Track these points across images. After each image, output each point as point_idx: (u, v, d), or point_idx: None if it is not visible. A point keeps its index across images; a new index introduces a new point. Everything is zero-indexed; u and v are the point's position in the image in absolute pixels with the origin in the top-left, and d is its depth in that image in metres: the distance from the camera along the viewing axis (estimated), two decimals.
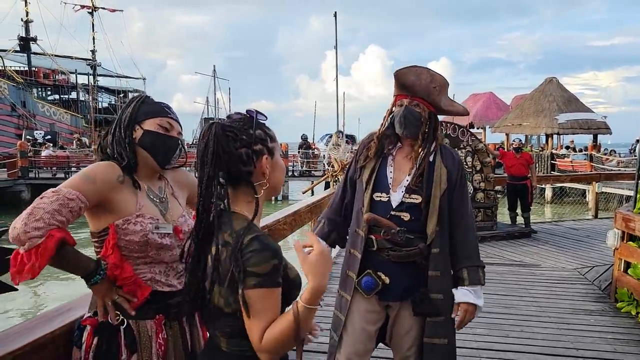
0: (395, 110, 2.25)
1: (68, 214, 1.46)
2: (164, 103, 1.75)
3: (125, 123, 1.67)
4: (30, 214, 1.41)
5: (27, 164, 20.75)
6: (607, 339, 4.09)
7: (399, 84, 2.22)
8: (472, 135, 8.74)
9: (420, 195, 2.18)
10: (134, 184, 1.64)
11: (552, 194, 19.41)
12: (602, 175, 12.29)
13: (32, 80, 39.02)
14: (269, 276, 1.21)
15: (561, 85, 23.00)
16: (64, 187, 1.49)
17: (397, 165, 2.26)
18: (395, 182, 2.23)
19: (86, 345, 1.55)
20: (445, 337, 2.22)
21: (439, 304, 2.19)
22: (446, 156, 2.28)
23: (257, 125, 1.33)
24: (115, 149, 1.66)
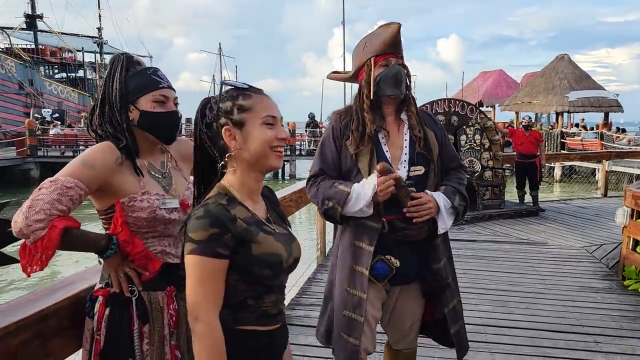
0: (381, 72, 2.06)
1: (68, 202, 1.45)
2: (150, 68, 1.67)
3: (118, 104, 1.59)
4: (30, 207, 1.40)
5: (36, 142, 20.85)
6: (613, 316, 4.08)
7: (387, 43, 2.06)
8: (481, 113, 8.65)
9: (422, 165, 2.11)
10: (134, 170, 1.61)
11: (561, 173, 19.27)
12: (613, 154, 12.15)
13: (39, 58, 38.94)
14: (205, 244, 1.22)
15: (573, 63, 22.64)
16: (62, 176, 1.47)
17: (390, 141, 2.12)
18: (394, 160, 2.10)
19: (98, 315, 1.56)
20: (456, 297, 2.23)
21: (445, 270, 2.16)
22: (425, 119, 2.19)
23: (226, 98, 1.34)
24: (108, 130, 1.61)
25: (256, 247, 1.29)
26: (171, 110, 1.67)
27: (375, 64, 2.07)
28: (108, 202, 1.59)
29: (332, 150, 2.14)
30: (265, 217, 1.40)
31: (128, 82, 1.61)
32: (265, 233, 1.33)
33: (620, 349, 3.48)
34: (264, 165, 1.35)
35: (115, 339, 1.55)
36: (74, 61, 43.19)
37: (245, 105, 1.33)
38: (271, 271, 1.31)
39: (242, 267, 1.28)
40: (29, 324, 1.40)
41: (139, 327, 1.57)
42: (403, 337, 2.25)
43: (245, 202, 1.35)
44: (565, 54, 22.99)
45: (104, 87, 1.62)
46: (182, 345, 1.67)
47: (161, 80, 1.66)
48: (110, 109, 1.60)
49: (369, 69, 2.09)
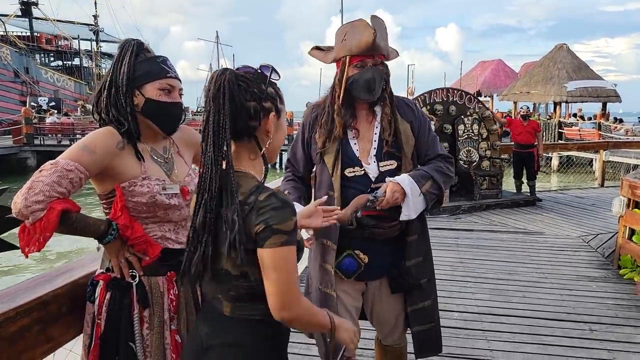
0: (355, 74, 1.97)
1: (68, 185, 1.45)
2: (160, 57, 1.66)
3: (124, 88, 1.59)
4: (30, 188, 1.40)
5: (32, 130, 20.76)
6: (609, 305, 4.11)
7: (365, 46, 1.93)
8: (480, 102, 8.63)
9: (394, 160, 2.05)
10: (136, 154, 1.61)
11: (559, 163, 19.28)
12: (610, 144, 12.17)
13: (34, 46, 38.65)
14: (293, 234, 1.18)
15: (571, 52, 22.57)
16: (62, 159, 1.47)
17: (360, 134, 2.06)
18: (363, 154, 2.04)
19: (99, 300, 1.57)
20: (428, 299, 2.17)
21: (417, 270, 2.11)
22: (402, 108, 2.11)
23: (270, 83, 1.28)
24: (112, 113, 1.61)
25: (297, 233, 1.27)
26: (175, 102, 1.66)
27: (350, 64, 1.98)
28: (109, 186, 1.59)
29: (299, 148, 2.17)
30: None
31: (136, 66, 1.61)
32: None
33: (615, 337, 3.52)
34: (271, 157, 1.34)
35: (116, 324, 1.56)
36: (69, 49, 42.88)
37: (282, 96, 1.32)
38: (302, 253, 1.31)
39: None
40: (29, 310, 1.41)
41: (139, 311, 1.59)
42: (390, 332, 2.23)
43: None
44: (564, 43, 22.91)
45: (112, 70, 1.61)
46: (182, 330, 1.68)
47: (169, 69, 1.65)
48: (116, 92, 1.60)
49: (344, 66, 2.00)
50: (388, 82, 2.05)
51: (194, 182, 1.76)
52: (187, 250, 1.27)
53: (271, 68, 1.29)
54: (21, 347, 1.38)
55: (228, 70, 1.23)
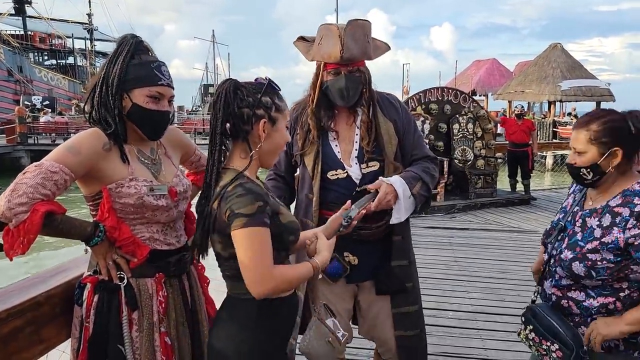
0: (329, 80, 1.95)
1: (52, 187, 1.43)
2: (155, 62, 1.62)
3: (114, 89, 1.56)
4: (13, 190, 1.38)
5: (26, 129, 20.64)
6: None
7: (335, 59, 1.90)
8: (474, 102, 8.66)
9: (377, 161, 2.02)
10: (121, 157, 1.58)
11: (553, 162, 19.36)
12: None
13: (28, 44, 38.45)
14: (256, 216, 1.33)
15: (565, 52, 22.63)
16: (47, 161, 1.46)
17: (340, 137, 2.04)
18: (345, 155, 2.03)
19: (87, 303, 1.55)
20: (415, 304, 2.14)
21: (403, 273, 2.08)
22: (385, 106, 2.07)
23: (267, 93, 1.43)
24: (101, 112, 1.59)
25: (282, 217, 1.45)
26: (162, 110, 1.63)
27: (325, 69, 1.96)
28: (95, 188, 1.57)
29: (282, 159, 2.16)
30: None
31: (129, 69, 1.57)
32: (281, 205, 1.50)
33: None
34: (267, 161, 1.52)
35: (104, 326, 1.54)
36: (63, 48, 42.70)
37: (281, 106, 1.47)
38: (294, 236, 1.49)
39: (276, 235, 1.39)
40: (21, 311, 1.40)
41: (128, 314, 1.57)
42: (384, 345, 2.16)
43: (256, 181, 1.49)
44: (558, 43, 22.97)
45: (106, 67, 1.59)
46: (172, 332, 1.67)
47: (162, 77, 1.61)
48: (106, 91, 1.58)
49: (318, 70, 1.98)
50: (367, 85, 2.00)
51: (182, 182, 1.75)
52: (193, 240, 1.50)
53: (267, 79, 1.45)
54: (13, 349, 1.37)
55: (229, 81, 1.43)
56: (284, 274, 1.38)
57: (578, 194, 1.83)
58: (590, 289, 1.68)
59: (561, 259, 1.70)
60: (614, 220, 1.61)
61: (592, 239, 1.65)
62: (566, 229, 1.77)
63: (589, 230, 1.67)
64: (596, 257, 1.61)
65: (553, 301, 1.77)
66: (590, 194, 1.77)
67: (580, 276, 1.65)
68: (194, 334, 1.76)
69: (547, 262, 1.81)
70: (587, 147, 1.64)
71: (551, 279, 1.78)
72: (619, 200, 1.64)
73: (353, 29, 1.91)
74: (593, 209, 1.71)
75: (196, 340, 1.76)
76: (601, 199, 1.71)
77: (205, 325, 1.82)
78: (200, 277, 1.87)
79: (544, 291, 1.82)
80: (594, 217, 1.68)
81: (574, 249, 1.68)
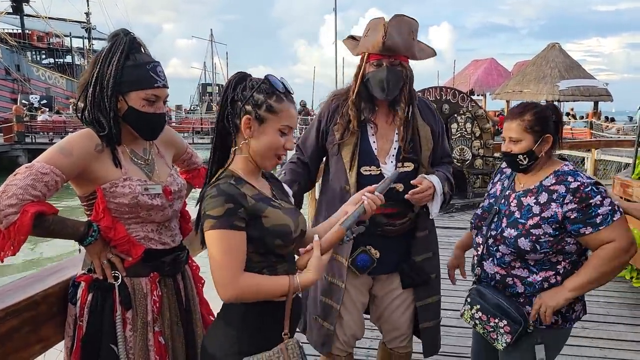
0: (370, 72, 2.00)
1: (43, 188, 1.42)
2: (150, 62, 1.59)
3: (109, 90, 1.54)
4: (3, 192, 1.38)
5: (24, 128, 20.60)
6: (600, 303, 4.14)
7: (377, 47, 1.94)
8: (472, 101, 8.66)
9: (412, 162, 2.05)
10: (113, 161, 1.57)
11: None
12: (602, 142, 12.25)
13: (25, 43, 38.37)
14: (224, 218, 1.32)
15: (564, 51, 22.66)
16: (38, 162, 1.45)
17: (379, 133, 2.06)
18: (381, 152, 2.05)
19: (81, 301, 1.55)
20: (436, 294, 2.21)
21: (427, 265, 2.13)
22: (424, 111, 2.12)
23: (261, 91, 1.40)
24: (94, 113, 1.57)
25: (266, 220, 1.39)
26: (158, 112, 1.63)
27: (368, 60, 2.00)
28: (89, 189, 1.57)
29: (312, 135, 2.17)
30: (270, 194, 1.51)
31: (125, 71, 1.55)
32: (273, 207, 1.43)
33: (606, 335, 3.55)
34: (261, 162, 1.46)
35: (98, 325, 1.54)
36: (61, 46, 42.66)
37: (274, 107, 1.41)
38: (282, 241, 1.42)
39: (256, 239, 1.38)
40: (18, 310, 1.39)
41: (122, 313, 1.56)
42: (396, 333, 2.20)
43: (251, 182, 1.45)
44: (557, 42, 23.01)
45: (100, 67, 1.55)
46: (166, 331, 1.67)
47: (158, 78, 1.60)
48: (100, 92, 1.56)
49: (362, 62, 2.02)
50: (408, 83, 2.02)
51: (176, 181, 1.75)
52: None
53: (268, 78, 1.42)
54: (10, 349, 1.36)
55: (238, 73, 1.45)
56: (250, 284, 1.33)
57: (506, 181, 2.00)
58: (532, 266, 1.83)
59: (504, 237, 1.84)
60: (551, 197, 1.79)
61: (532, 216, 1.81)
62: (500, 211, 1.91)
63: (527, 208, 1.83)
64: (538, 231, 1.78)
65: (497, 280, 1.89)
66: (520, 178, 1.94)
67: (526, 251, 1.79)
68: (187, 334, 1.75)
69: (484, 244, 1.93)
70: (522, 135, 1.82)
71: (492, 259, 1.90)
72: (553, 180, 1.82)
73: (399, 22, 1.96)
74: (527, 189, 1.87)
75: (190, 340, 1.75)
76: (531, 181, 1.88)
77: (199, 325, 1.81)
78: (195, 277, 1.87)
79: (485, 272, 1.93)
80: (530, 196, 1.85)
81: (516, 226, 1.82)
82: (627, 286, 4.55)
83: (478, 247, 1.98)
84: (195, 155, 2.02)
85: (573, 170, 1.84)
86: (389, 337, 2.23)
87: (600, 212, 1.72)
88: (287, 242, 1.44)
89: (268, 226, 1.39)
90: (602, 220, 1.72)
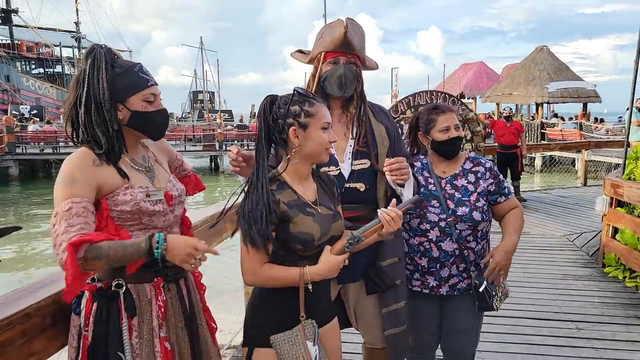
0: (327, 70, 2.04)
1: (79, 220, 1.44)
2: (135, 65, 1.61)
3: (107, 104, 1.54)
4: (55, 246, 1.42)
5: (14, 139, 20.47)
6: (594, 303, 4.16)
7: (337, 41, 2.01)
8: (463, 104, 8.71)
9: (367, 159, 2.07)
10: (119, 171, 1.57)
11: (542, 163, 19.52)
12: (592, 143, 12.35)
13: (15, 53, 38.19)
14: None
15: (552, 54, 22.88)
16: (57, 206, 1.46)
17: (334, 132, 2.05)
18: (338, 151, 2.07)
19: (86, 311, 1.54)
20: (403, 299, 2.17)
21: (393, 270, 2.10)
22: (377, 112, 2.18)
23: (295, 102, 1.62)
24: (90, 132, 1.56)
25: (293, 226, 1.60)
26: (162, 109, 1.66)
27: (324, 60, 2.05)
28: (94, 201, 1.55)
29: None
30: (313, 198, 1.69)
31: (116, 81, 1.56)
32: (305, 214, 1.63)
33: (600, 335, 3.56)
34: (317, 160, 1.69)
35: (104, 334, 1.53)
36: (51, 56, 42.44)
37: (310, 111, 1.63)
38: (302, 246, 1.61)
39: (282, 239, 1.60)
40: (11, 324, 1.37)
41: (128, 320, 1.56)
42: (372, 333, 2.20)
43: (295, 186, 1.66)
44: (545, 45, 23.23)
45: (87, 87, 1.54)
46: (172, 337, 1.66)
47: (148, 77, 1.63)
48: (97, 109, 1.55)
49: (318, 63, 2.07)
50: (361, 83, 2.10)
51: (176, 187, 1.76)
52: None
53: (295, 91, 1.64)
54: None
55: (267, 97, 1.65)
56: (270, 274, 1.59)
57: (424, 172, 2.26)
58: (479, 237, 2.20)
59: (460, 216, 2.14)
60: (477, 176, 2.22)
61: (470, 193, 2.18)
62: (437, 196, 2.18)
63: (463, 188, 2.20)
64: (480, 204, 2.17)
65: (456, 255, 2.16)
66: (439, 167, 2.26)
67: (479, 222, 2.15)
68: (192, 339, 1.74)
69: (436, 227, 2.15)
70: (459, 123, 2.22)
71: (449, 238, 2.15)
72: (471, 164, 2.25)
73: (353, 23, 2.04)
74: (453, 174, 2.24)
75: (196, 345, 1.75)
76: (451, 168, 2.25)
77: (205, 330, 1.81)
78: (197, 284, 1.86)
79: (445, 251, 2.17)
80: (459, 179, 2.22)
81: (463, 204, 2.16)
82: (620, 286, 4.58)
83: (427, 232, 2.17)
84: (184, 162, 2.03)
85: (476, 155, 2.32)
86: (366, 338, 2.25)
87: (505, 185, 2.26)
88: (307, 248, 1.62)
89: (293, 231, 1.60)
90: (508, 192, 2.25)
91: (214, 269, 5.75)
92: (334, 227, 1.69)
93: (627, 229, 4.73)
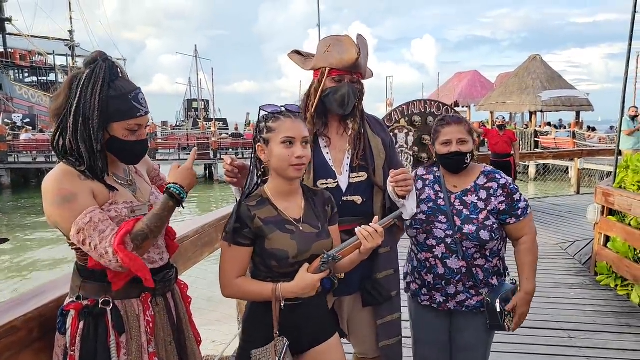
0: (331, 86, 2.03)
1: (106, 224, 1.47)
2: (132, 91, 1.56)
3: (96, 124, 1.50)
4: (102, 257, 1.45)
5: (6, 148, 20.36)
6: (586, 312, 4.17)
7: (347, 63, 1.99)
8: (457, 113, 8.75)
9: (365, 172, 2.07)
10: (107, 186, 1.55)
11: (536, 171, 19.62)
12: (585, 152, 12.43)
13: (8, 62, 38.12)
14: (230, 234, 1.65)
15: (545, 63, 23.08)
16: (74, 226, 1.44)
17: (332, 145, 2.09)
18: (336, 164, 2.07)
19: (72, 330, 1.49)
20: (397, 311, 2.17)
21: (389, 283, 2.10)
22: (373, 124, 2.19)
23: (262, 120, 1.69)
24: (75, 144, 1.51)
25: (268, 242, 1.63)
26: (141, 140, 1.61)
27: (329, 75, 2.03)
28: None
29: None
30: (298, 216, 1.70)
31: (109, 103, 1.52)
32: (282, 231, 1.65)
33: (592, 344, 3.57)
34: (285, 176, 1.66)
35: (92, 353, 1.49)
36: (44, 64, 42.34)
37: (271, 126, 1.64)
38: (277, 263, 1.63)
39: (259, 254, 1.66)
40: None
41: (115, 337, 1.52)
42: (365, 344, 2.19)
43: (278, 202, 1.69)
44: (538, 54, 23.43)
45: (80, 96, 1.50)
46: (161, 352, 1.64)
47: (140, 107, 1.57)
48: (84, 124, 1.51)
49: (322, 76, 2.04)
50: (361, 99, 2.11)
51: (159, 199, 1.71)
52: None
53: (259, 108, 1.70)
54: None
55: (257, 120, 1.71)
56: (243, 286, 1.67)
57: (435, 185, 2.18)
58: (488, 255, 2.11)
59: (466, 234, 2.04)
60: (489, 193, 2.09)
61: (480, 210, 2.07)
62: (446, 212, 2.09)
63: (472, 205, 2.09)
64: (490, 222, 2.05)
65: (463, 273, 2.08)
66: (450, 181, 2.16)
67: (487, 241, 2.05)
68: (181, 353, 1.72)
69: (442, 244, 2.08)
70: (467, 137, 2.07)
71: (455, 255, 2.08)
72: (485, 179, 2.12)
73: (363, 42, 2.04)
74: (465, 189, 2.13)
75: (184, 358, 1.73)
76: (463, 182, 2.14)
77: (193, 342, 1.79)
78: (183, 296, 1.85)
79: (450, 268, 2.09)
80: (470, 195, 2.11)
81: (471, 222, 2.06)
82: (612, 294, 4.59)
83: (433, 248, 2.10)
84: (161, 172, 1.99)
85: (494, 169, 2.17)
86: (358, 349, 2.24)
87: (520, 206, 2.09)
88: (282, 265, 1.63)
89: (267, 248, 1.63)
90: (522, 213, 2.10)
91: (206, 280, 5.72)
92: (315, 245, 1.66)
93: (618, 237, 4.76)
